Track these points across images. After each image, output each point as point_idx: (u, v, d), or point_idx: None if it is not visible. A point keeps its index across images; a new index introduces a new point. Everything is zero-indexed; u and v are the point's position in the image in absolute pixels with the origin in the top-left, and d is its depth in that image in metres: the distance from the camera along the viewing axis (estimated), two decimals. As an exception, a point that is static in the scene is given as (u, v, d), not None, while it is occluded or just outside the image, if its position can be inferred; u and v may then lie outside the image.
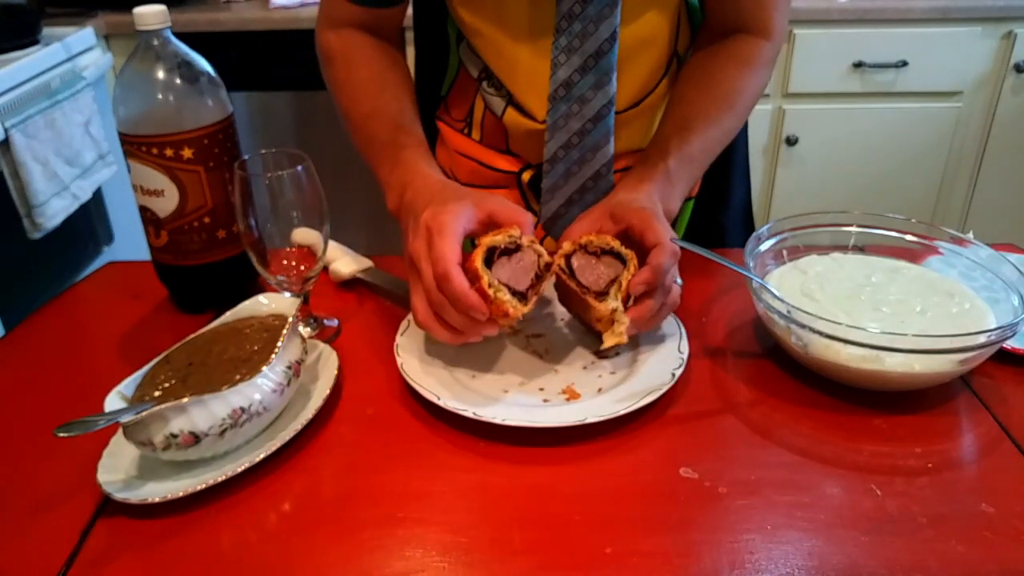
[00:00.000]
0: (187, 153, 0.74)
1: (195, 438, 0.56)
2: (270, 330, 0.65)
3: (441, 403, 0.63)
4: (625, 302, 0.66)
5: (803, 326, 0.64)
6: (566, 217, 0.88)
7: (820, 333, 0.63)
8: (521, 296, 0.64)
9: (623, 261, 0.67)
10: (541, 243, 0.68)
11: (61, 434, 0.53)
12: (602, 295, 0.66)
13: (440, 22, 0.91)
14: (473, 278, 0.62)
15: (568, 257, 0.68)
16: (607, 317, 0.65)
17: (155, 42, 0.73)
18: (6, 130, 1.55)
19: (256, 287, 0.82)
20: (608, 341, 0.65)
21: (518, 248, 0.65)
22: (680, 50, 0.87)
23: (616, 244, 0.67)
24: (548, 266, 0.66)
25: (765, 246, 0.78)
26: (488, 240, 0.64)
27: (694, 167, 0.80)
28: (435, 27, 0.93)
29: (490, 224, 0.67)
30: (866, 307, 0.70)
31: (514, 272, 0.65)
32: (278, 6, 2.04)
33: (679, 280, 0.70)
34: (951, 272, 0.76)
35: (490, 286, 0.62)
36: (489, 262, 0.64)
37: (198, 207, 0.76)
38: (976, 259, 0.75)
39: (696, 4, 0.87)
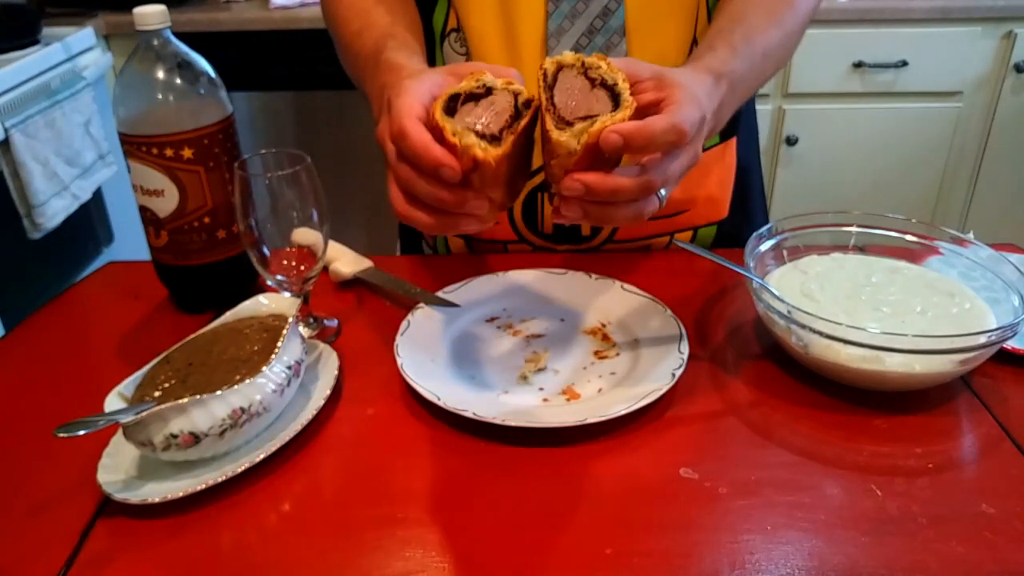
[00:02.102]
0: (187, 153, 0.74)
1: (195, 438, 0.56)
2: (270, 330, 0.65)
3: (441, 403, 0.63)
4: (589, 147, 0.52)
5: (803, 326, 0.64)
6: None
7: (820, 333, 0.63)
8: (492, 140, 0.53)
9: (617, 103, 0.53)
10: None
11: (61, 434, 0.53)
12: (566, 124, 0.53)
13: (424, 19, 0.90)
14: (439, 137, 0.52)
15: (559, 69, 0.55)
16: (560, 156, 0.53)
17: (155, 42, 0.73)
18: (6, 130, 1.55)
19: (256, 287, 0.82)
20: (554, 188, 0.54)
21: (489, 92, 0.54)
22: (699, 38, 0.83)
23: (622, 81, 0.54)
24: (528, 103, 0.54)
25: (765, 246, 0.78)
26: (451, 88, 0.54)
27: (753, 75, 0.71)
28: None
29: None
30: (866, 307, 0.70)
31: (483, 116, 0.54)
32: (278, 6, 2.04)
33: (663, 192, 0.57)
34: (951, 272, 0.76)
35: (454, 134, 0.51)
36: (455, 110, 0.54)
37: (198, 207, 0.76)
38: (976, 259, 0.75)
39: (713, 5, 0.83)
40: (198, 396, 0.56)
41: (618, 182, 0.53)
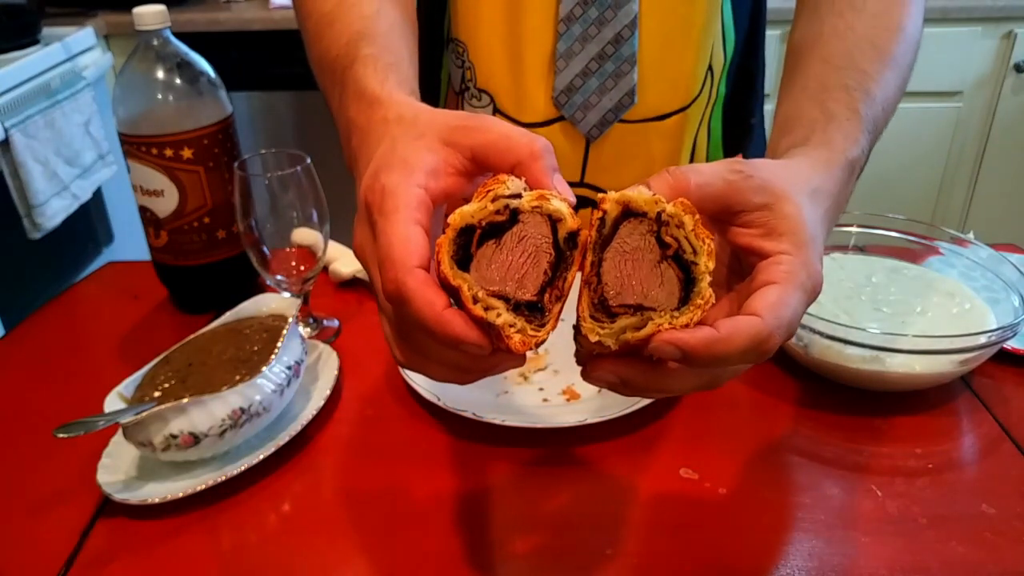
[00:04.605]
0: (187, 153, 0.74)
1: (195, 439, 0.56)
2: (270, 330, 0.65)
3: (441, 403, 0.63)
4: (630, 346, 0.38)
5: (803, 326, 0.64)
6: (582, 90, 0.78)
7: (820, 333, 0.63)
8: (532, 309, 0.39)
9: (688, 293, 0.38)
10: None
11: (61, 434, 0.53)
12: (605, 314, 0.39)
13: (435, 27, 0.87)
14: (450, 287, 0.38)
15: (624, 217, 0.39)
16: (586, 341, 0.40)
17: (155, 42, 0.73)
18: (6, 130, 1.55)
19: (256, 287, 0.82)
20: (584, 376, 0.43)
21: (514, 218, 0.38)
22: (714, 66, 0.81)
23: (705, 259, 0.37)
24: (573, 236, 0.38)
25: (765, 246, 0.77)
26: (458, 217, 0.38)
27: (873, 145, 0.56)
28: (428, 38, 0.87)
29: (478, 171, 0.41)
30: (866, 307, 0.70)
31: (512, 266, 0.38)
32: (278, 6, 2.04)
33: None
34: (951, 272, 0.76)
35: (475, 302, 0.37)
36: (469, 253, 0.38)
37: (198, 207, 0.76)
38: (976, 259, 0.75)
39: (731, 26, 0.80)
40: (198, 396, 0.56)
41: (667, 383, 0.41)
